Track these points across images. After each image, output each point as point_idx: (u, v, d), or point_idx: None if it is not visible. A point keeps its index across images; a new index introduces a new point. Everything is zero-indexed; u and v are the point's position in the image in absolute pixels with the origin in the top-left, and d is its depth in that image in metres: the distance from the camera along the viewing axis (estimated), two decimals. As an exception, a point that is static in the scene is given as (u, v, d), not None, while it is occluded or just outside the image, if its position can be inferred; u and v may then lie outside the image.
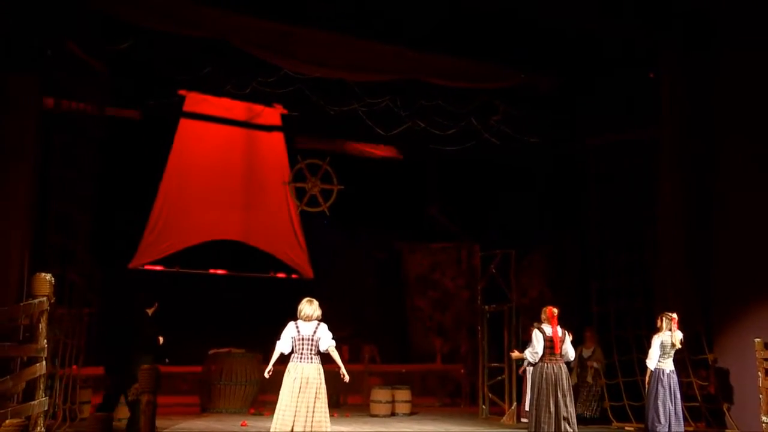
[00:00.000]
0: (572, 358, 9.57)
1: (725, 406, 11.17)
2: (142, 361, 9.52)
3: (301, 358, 7.90)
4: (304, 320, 8.00)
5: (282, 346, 8.02)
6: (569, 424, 9.12)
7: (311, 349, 7.91)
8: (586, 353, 12.09)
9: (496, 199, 14.66)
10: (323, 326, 8.03)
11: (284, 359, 8.41)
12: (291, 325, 8.04)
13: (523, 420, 11.49)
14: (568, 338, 9.43)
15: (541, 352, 9.25)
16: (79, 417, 9.82)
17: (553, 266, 13.76)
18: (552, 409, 9.08)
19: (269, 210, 15.13)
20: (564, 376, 9.22)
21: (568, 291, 13.32)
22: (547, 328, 9.32)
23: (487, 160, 14.17)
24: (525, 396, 11.25)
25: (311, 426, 7.77)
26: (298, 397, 7.77)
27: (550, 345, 9.24)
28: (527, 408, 10.78)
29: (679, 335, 9.71)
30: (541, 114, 12.41)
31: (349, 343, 14.12)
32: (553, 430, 9.05)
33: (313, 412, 7.81)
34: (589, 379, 12.04)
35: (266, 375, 8.16)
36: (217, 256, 15.17)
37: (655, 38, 11.87)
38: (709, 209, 11.78)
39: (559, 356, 9.26)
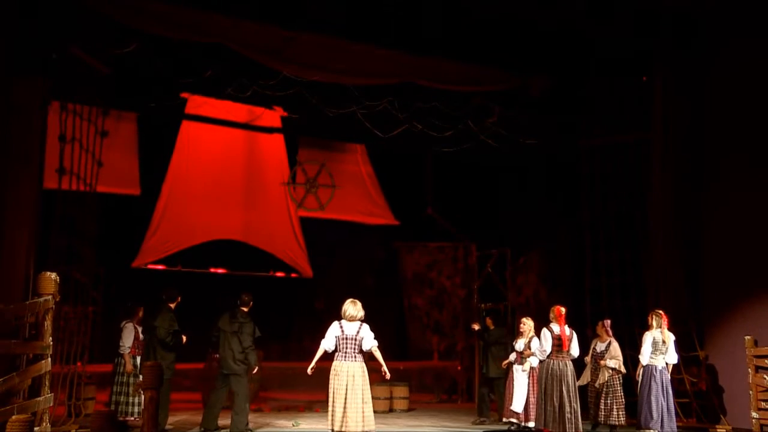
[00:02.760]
0: (576, 356, 9.80)
1: (716, 403, 11.36)
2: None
3: (345, 356, 8.20)
4: (348, 320, 8.29)
5: (326, 344, 8.31)
6: (572, 419, 9.38)
7: (354, 348, 8.22)
8: (600, 347, 10.59)
9: (492, 200, 14.84)
10: (366, 327, 8.35)
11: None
12: (335, 324, 8.34)
13: (505, 420, 11.07)
14: (575, 337, 9.76)
15: (549, 350, 9.58)
16: (84, 413, 10.00)
17: (548, 265, 13.92)
18: (556, 403, 9.39)
19: (269, 210, 15.27)
20: (569, 373, 9.54)
21: (563, 290, 13.49)
22: (555, 327, 9.65)
23: (483, 161, 14.35)
24: (512, 396, 10.95)
25: (362, 425, 8.06)
26: (346, 395, 8.06)
27: (558, 343, 9.59)
28: (513, 408, 10.78)
29: (670, 336, 9.90)
30: (536, 116, 12.56)
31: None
32: (557, 423, 9.35)
33: (363, 411, 8.09)
34: (600, 380, 10.39)
35: (309, 372, 8.47)
36: (218, 256, 15.30)
37: (648, 42, 12.04)
38: (700, 210, 11.96)
39: (566, 353, 9.60)
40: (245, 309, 9.99)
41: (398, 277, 16.57)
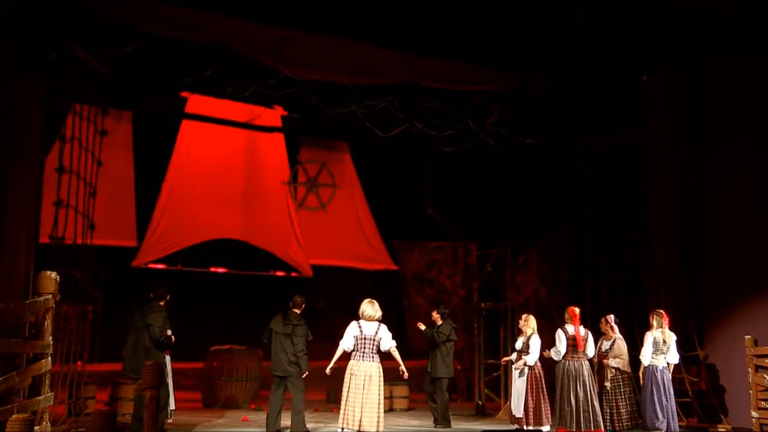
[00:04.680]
0: (591, 355, 9.83)
1: (717, 403, 11.35)
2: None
3: (363, 356, 8.27)
4: (367, 320, 8.35)
5: (345, 344, 8.38)
6: (590, 418, 9.43)
7: (372, 348, 8.31)
8: (605, 346, 10.17)
9: (492, 200, 14.84)
10: (384, 327, 8.44)
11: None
12: (354, 324, 8.40)
13: (514, 426, 10.34)
14: (590, 336, 9.81)
15: (563, 351, 9.64)
16: (84, 412, 10.01)
17: (548, 265, 13.93)
18: (573, 402, 9.46)
19: (269, 209, 15.27)
20: (586, 372, 9.59)
21: (563, 289, 13.49)
22: (570, 328, 9.72)
23: (483, 160, 14.36)
24: (510, 398, 10.51)
25: (377, 425, 8.16)
26: (363, 394, 8.14)
27: (573, 343, 9.65)
28: (515, 413, 10.17)
29: (672, 336, 9.91)
30: (536, 116, 12.56)
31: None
32: (574, 422, 9.42)
33: (378, 410, 8.19)
34: (607, 383, 9.99)
35: (327, 372, 8.53)
36: (218, 255, 15.30)
37: (648, 42, 12.04)
38: (700, 209, 11.96)
39: (582, 353, 9.66)
40: (297, 311, 9.84)
41: (398, 277, 16.58)
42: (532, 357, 9.92)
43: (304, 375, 9.61)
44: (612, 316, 10.40)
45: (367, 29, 10.99)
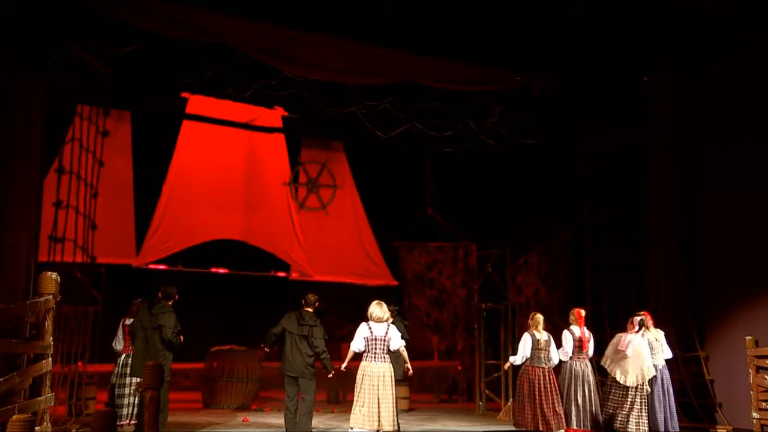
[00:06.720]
0: (591, 356, 9.99)
1: (717, 403, 11.36)
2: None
3: (374, 357, 8.37)
4: (376, 322, 8.44)
5: (356, 345, 8.50)
6: (597, 414, 9.65)
7: (383, 349, 8.40)
8: None
9: (492, 200, 14.84)
10: (393, 327, 8.56)
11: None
12: (363, 326, 8.51)
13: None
14: (592, 338, 10.02)
15: (570, 352, 9.84)
16: (85, 412, 10.01)
17: (548, 265, 13.93)
18: (579, 402, 9.65)
19: (270, 210, 15.24)
20: (590, 372, 9.83)
21: (563, 290, 13.49)
22: (576, 329, 9.90)
23: (483, 161, 14.36)
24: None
25: (394, 424, 8.26)
26: (379, 394, 8.21)
27: (579, 344, 9.85)
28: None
29: (660, 333, 10.00)
30: (537, 116, 12.56)
31: (347, 341, 14.26)
32: (581, 422, 9.57)
33: (394, 409, 8.29)
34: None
35: (343, 368, 8.81)
36: (219, 256, 15.28)
37: (648, 42, 12.04)
38: (701, 209, 11.96)
39: (585, 354, 9.87)
40: (310, 310, 9.66)
41: (398, 277, 16.57)
42: (515, 356, 10.01)
43: (330, 375, 9.46)
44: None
45: (369, 29, 10.96)
